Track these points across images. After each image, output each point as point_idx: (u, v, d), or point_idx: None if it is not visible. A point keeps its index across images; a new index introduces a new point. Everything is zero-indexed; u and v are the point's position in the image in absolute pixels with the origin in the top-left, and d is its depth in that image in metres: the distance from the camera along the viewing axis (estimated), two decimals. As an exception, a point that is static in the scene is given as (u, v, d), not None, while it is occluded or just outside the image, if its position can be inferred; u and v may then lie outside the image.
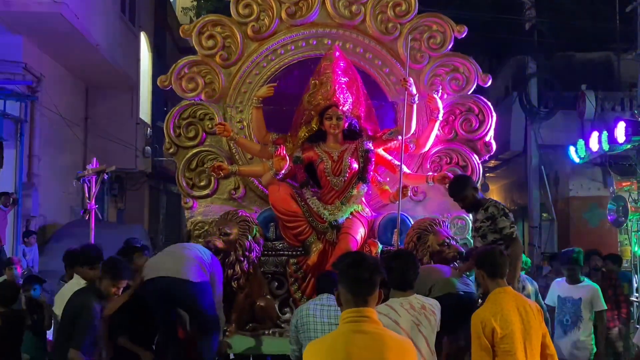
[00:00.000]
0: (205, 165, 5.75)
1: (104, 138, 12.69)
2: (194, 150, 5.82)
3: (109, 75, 12.49)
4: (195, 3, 16.43)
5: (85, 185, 6.28)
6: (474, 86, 5.87)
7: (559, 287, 5.86)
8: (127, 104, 13.57)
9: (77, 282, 4.83)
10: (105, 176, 6.24)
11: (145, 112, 14.26)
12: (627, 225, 11.13)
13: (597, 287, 5.81)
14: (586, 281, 5.86)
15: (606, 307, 5.77)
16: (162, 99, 15.32)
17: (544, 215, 14.18)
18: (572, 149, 12.06)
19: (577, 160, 12.08)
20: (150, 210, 15.83)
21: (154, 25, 15.06)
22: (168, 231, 16.35)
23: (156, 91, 14.55)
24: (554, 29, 13.52)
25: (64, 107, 11.63)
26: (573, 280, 5.76)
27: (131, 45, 13.72)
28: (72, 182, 6.41)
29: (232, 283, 5.13)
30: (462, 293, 4.49)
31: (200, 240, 5.44)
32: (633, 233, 10.96)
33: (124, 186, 14.82)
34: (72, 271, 5.20)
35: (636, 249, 10.64)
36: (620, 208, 10.98)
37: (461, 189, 4.88)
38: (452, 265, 5.07)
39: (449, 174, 5.39)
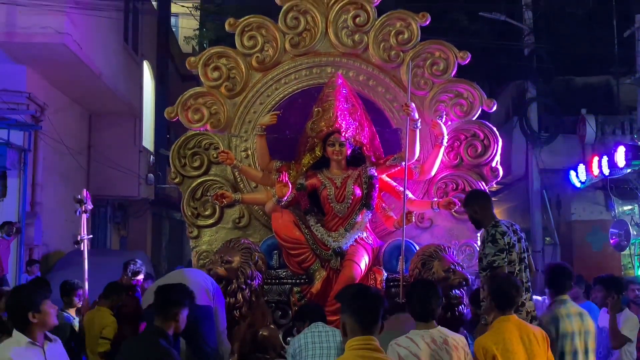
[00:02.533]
0: (209, 195, 5.73)
1: (107, 166, 12.69)
2: (199, 180, 5.82)
3: (112, 103, 12.54)
4: (197, 32, 16.53)
5: (80, 214, 6.26)
6: (479, 111, 5.85)
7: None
8: (130, 132, 13.60)
9: None
10: (88, 208, 6.17)
11: (148, 139, 14.30)
12: (629, 249, 11.09)
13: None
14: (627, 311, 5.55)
15: None
16: (165, 126, 15.36)
17: (547, 239, 14.11)
18: (573, 173, 12.07)
19: (578, 184, 12.08)
20: (153, 237, 15.83)
21: (156, 54, 15.16)
22: (171, 258, 16.30)
23: (159, 119, 14.61)
24: (553, 54, 13.58)
25: (67, 135, 11.65)
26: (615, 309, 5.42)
27: (134, 73, 13.79)
28: (74, 211, 6.36)
29: (234, 312, 5.07)
30: None
31: (203, 269, 5.35)
32: (636, 257, 10.92)
33: (127, 213, 14.81)
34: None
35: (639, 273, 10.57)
36: (623, 232, 10.95)
37: (466, 202, 4.82)
38: (459, 290, 5.00)
39: (454, 199, 5.35)
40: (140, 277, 6.39)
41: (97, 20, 10.62)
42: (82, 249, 6.25)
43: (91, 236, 6.41)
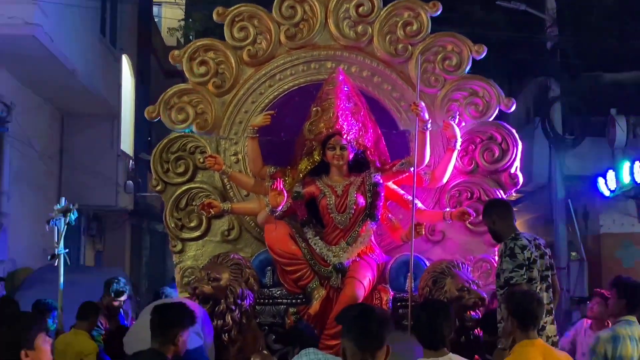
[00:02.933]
0: (195, 204, 5.72)
1: (81, 172, 12.65)
2: (184, 187, 5.80)
3: (87, 102, 12.48)
4: (182, 23, 16.51)
5: (55, 227, 6.24)
6: (496, 112, 5.85)
7: None
8: (107, 134, 13.54)
9: None
10: (72, 216, 6.18)
11: (127, 143, 14.26)
12: (665, 265, 11.06)
13: None
14: None
15: None
16: (147, 128, 15.35)
17: (573, 254, 14.06)
18: (601, 180, 12.03)
19: (607, 193, 12.04)
20: (132, 252, 15.78)
21: (137, 48, 15.14)
22: (152, 276, 16.26)
23: (140, 120, 14.54)
24: (579, 48, 13.53)
25: (37, 138, 11.61)
26: None
27: (112, 69, 13.74)
28: (44, 222, 6.34)
29: (222, 336, 5.05)
30: None
31: (187, 288, 5.37)
32: (673, 273, 10.88)
33: (102, 225, 14.73)
34: None
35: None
36: (658, 245, 10.92)
37: (484, 212, 4.86)
38: (475, 312, 4.99)
39: (469, 210, 5.35)
40: (124, 297, 6.38)
41: (70, 11, 10.58)
42: (56, 264, 6.23)
43: (67, 250, 6.40)
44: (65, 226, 6.24)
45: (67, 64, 10.70)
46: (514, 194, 7.22)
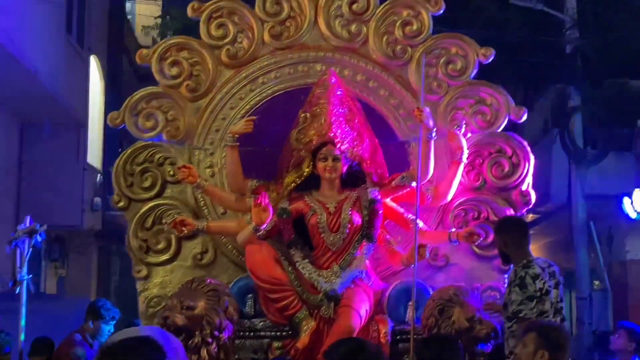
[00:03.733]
0: (164, 223, 5.67)
1: (42, 188, 12.60)
2: (151, 204, 5.74)
3: (49, 109, 12.45)
4: (159, 21, 16.51)
5: (18, 250, 6.18)
6: (505, 122, 5.85)
7: None
8: (72, 145, 13.53)
9: None
10: (39, 238, 6.13)
11: (95, 154, 14.24)
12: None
13: None
14: None
15: None
16: (117, 138, 15.25)
17: (596, 283, 14.03)
18: (627, 200, 12.03)
19: (633, 214, 12.03)
20: (100, 278, 15.69)
21: (107, 48, 15.18)
22: (122, 305, 16.07)
23: (109, 129, 14.42)
24: (603, 52, 13.47)
25: (-7, 149, 11.61)
26: None
27: (78, 72, 13.75)
28: (9, 242, 6.29)
29: (198, 373, 5.00)
30: None
31: (155, 320, 5.32)
32: None
33: (66, 248, 14.68)
34: None
35: None
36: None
37: (497, 230, 4.86)
38: (487, 344, 4.97)
39: (477, 230, 5.34)
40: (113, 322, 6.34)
41: (33, 7, 10.63)
42: (18, 292, 6.04)
43: (31, 276, 6.35)
44: (30, 249, 6.19)
45: (28, 65, 10.67)
46: (529, 215, 7.20)
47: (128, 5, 16.32)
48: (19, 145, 13.11)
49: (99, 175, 14.72)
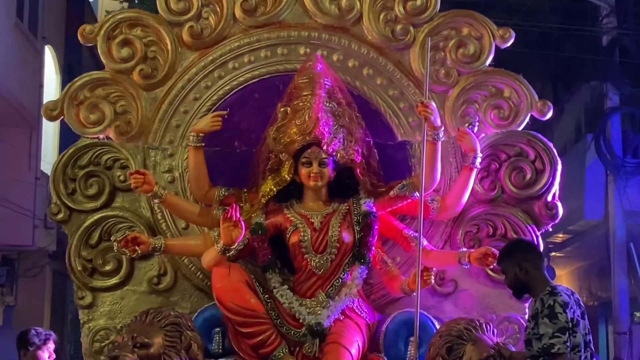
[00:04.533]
0: (113, 239, 5.46)
1: (-13, 201, 12.63)
2: (97, 216, 5.59)
3: (-3, 108, 12.48)
4: (125, 5, 16.53)
5: None
6: (527, 119, 5.73)
7: None
8: (24, 150, 13.67)
9: None
10: None
11: (49, 161, 14.18)
12: None
13: None
14: None
15: None
16: (74, 141, 15.20)
17: (637, 315, 13.97)
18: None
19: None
20: (54, 307, 15.72)
21: (65, 36, 15.27)
22: (79, 337, 16.10)
23: (68, 131, 14.46)
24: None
25: None
26: None
27: (31, 64, 13.84)
28: None
29: None
30: None
31: (102, 358, 5.21)
32: None
33: (15, 271, 14.68)
34: None
35: None
36: None
37: (509, 253, 4.77)
38: None
39: (493, 249, 5.15)
40: (52, 345, 6.25)
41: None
42: None
43: None
44: None
45: None
46: (558, 235, 7.07)
47: (88, -12, 16.50)
48: (-40, 150, 13.21)
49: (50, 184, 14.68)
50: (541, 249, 5.48)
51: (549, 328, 4.35)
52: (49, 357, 6.10)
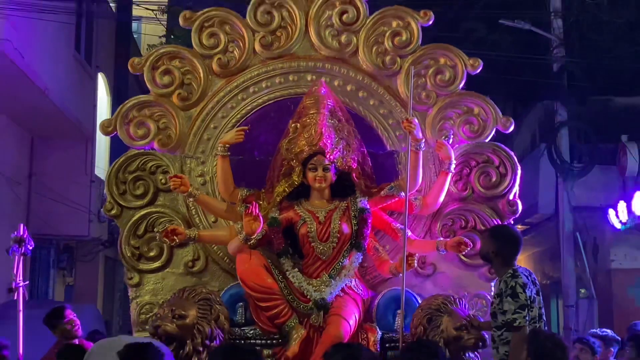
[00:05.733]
0: (156, 231, 5.50)
1: (51, 199, 12.51)
2: (143, 212, 5.56)
3: (58, 123, 12.42)
4: (163, 40, 16.50)
5: (16, 256, 5.99)
6: (493, 132, 5.68)
7: None
8: (81, 158, 13.46)
9: None
10: (27, 249, 5.98)
11: (102, 167, 14.10)
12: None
13: None
14: None
15: None
16: (124, 152, 15.13)
17: (582, 291, 13.88)
18: (612, 212, 11.91)
19: (618, 225, 11.91)
20: (106, 286, 15.58)
21: (114, 65, 15.14)
22: (126, 312, 16.02)
23: (116, 143, 14.42)
24: (588, 70, 13.49)
25: (4, 162, 11.50)
26: None
27: (87, 88, 13.70)
28: (6, 250, 6.20)
29: (188, 381, 4.81)
30: None
31: (147, 327, 5.12)
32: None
33: (74, 257, 14.56)
34: None
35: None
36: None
37: (489, 232, 4.79)
38: (474, 354, 4.83)
39: (465, 239, 5.17)
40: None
41: (43, 25, 10.58)
42: (16, 298, 5.99)
43: (27, 283, 6.23)
44: (21, 257, 6.04)
45: (38, 82, 10.67)
46: (518, 226, 7.03)
47: (134, 25, 16.35)
48: (29, 158, 13.05)
49: (104, 186, 14.61)
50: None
51: (512, 305, 4.35)
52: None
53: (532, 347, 3.85)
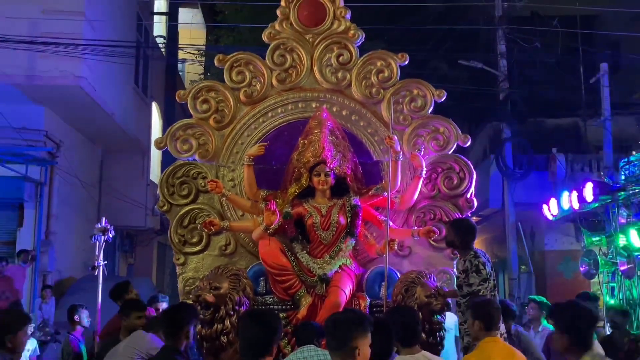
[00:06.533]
0: (197, 222, 5.44)
1: (116, 198, 12.47)
2: (187, 208, 5.51)
3: (122, 140, 12.39)
4: (202, 76, 16.49)
5: (97, 242, 6.06)
6: (454, 146, 5.61)
7: None
8: (139, 167, 13.43)
9: None
10: (109, 237, 5.98)
11: (155, 174, 14.11)
12: (598, 277, 10.85)
13: None
14: None
15: None
16: (171, 161, 15.07)
17: (522, 267, 13.83)
18: (545, 206, 11.84)
19: (550, 217, 11.85)
20: (158, 265, 15.48)
21: (164, 96, 15.06)
22: (173, 284, 15.98)
23: (165, 155, 14.38)
24: (526, 98, 13.53)
25: (81, 170, 11.46)
26: None
27: (143, 113, 13.68)
28: (85, 239, 6.18)
29: (222, 338, 4.73)
30: None
31: (190, 296, 5.05)
32: (604, 284, 10.67)
33: (134, 242, 14.54)
34: None
35: (607, 299, 10.32)
36: (592, 261, 10.73)
37: (452, 224, 4.70)
38: (441, 316, 4.74)
39: (434, 228, 5.13)
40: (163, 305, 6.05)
41: (110, 65, 10.54)
42: (97, 274, 6.04)
43: (106, 262, 6.19)
44: (104, 243, 6.01)
45: (107, 109, 10.67)
46: (473, 218, 6.98)
47: (180, 65, 16.30)
48: (100, 167, 13.02)
49: (157, 188, 14.58)
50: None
51: (476, 279, 4.32)
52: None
53: (474, 310, 3.78)
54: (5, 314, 3.80)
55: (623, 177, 10.00)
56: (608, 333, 6.68)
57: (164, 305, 6.03)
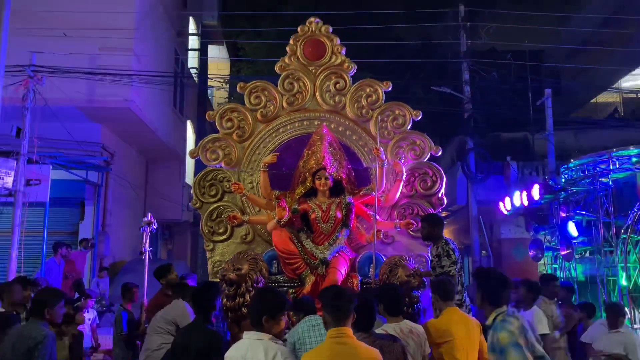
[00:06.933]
0: (223, 217, 5.45)
1: (159, 197, 12.43)
2: (215, 205, 5.53)
3: (163, 151, 12.35)
4: (227, 100, 16.49)
5: (144, 232, 6.02)
6: (428, 155, 5.61)
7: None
8: (176, 172, 13.34)
9: None
10: (153, 228, 5.96)
11: (189, 178, 14.04)
12: (544, 260, 10.87)
13: None
14: None
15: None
16: (202, 168, 15.08)
17: (483, 252, 13.77)
18: (501, 203, 11.82)
19: (505, 212, 11.83)
20: (192, 251, 15.35)
21: (197, 116, 14.97)
22: (204, 266, 15.95)
23: (198, 163, 14.30)
24: (486, 117, 13.48)
25: (130, 175, 11.44)
26: None
27: (180, 130, 13.62)
28: (134, 230, 6.14)
29: (243, 309, 4.70)
30: None
31: (217, 275, 5.04)
32: (548, 266, 10.71)
33: (172, 232, 14.48)
34: None
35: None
36: (538, 247, 10.74)
37: (427, 220, 4.64)
38: (418, 292, 4.69)
39: (412, 221, 5.13)
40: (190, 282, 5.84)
41: (154, 91, 10.55)
42: (144, 258, 5.99)
43: (151, 248, 6.17)
44: (149, 233, 6.00)
45: (151, 126, 10.63)
46: (443, 213, 6.93)
47: (209, 90, 16.28)
48: (145, 173, 12.96)
49: (191, 189, 14.53)
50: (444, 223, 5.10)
51: (447, 262, 4.29)
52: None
53: (433, 286, 3.74)
54: (44, 291, 3.68)
55: (563, 180, 10.01)
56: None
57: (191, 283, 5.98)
